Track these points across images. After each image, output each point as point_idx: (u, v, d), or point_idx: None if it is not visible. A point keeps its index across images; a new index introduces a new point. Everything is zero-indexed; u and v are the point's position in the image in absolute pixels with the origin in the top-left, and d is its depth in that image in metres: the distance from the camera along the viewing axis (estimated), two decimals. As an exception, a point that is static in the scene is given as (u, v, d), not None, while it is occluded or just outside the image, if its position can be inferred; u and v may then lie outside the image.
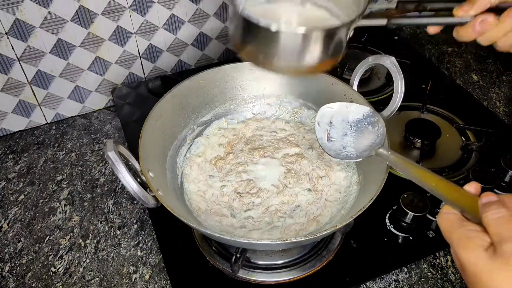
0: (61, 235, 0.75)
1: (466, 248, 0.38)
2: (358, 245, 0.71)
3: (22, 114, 0.92)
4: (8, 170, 0.86)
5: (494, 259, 0.35)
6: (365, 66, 0.73)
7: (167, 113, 0.70)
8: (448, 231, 0.40)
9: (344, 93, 0.72)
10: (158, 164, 0.67)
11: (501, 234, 0.36)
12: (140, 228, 0.76)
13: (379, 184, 0.57)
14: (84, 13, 0.85)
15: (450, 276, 0.69)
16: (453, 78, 1.05)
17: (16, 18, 0.80)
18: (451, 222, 0.41)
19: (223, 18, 0.99)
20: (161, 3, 0.91)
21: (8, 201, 0.80)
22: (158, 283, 0.68)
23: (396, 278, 0.68)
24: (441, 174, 0.78)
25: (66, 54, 0.88)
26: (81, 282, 0.69)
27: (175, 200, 0.66)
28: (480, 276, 0.36)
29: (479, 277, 0.36)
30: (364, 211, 0.54)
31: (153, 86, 0.99)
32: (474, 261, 0.37)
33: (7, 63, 0.84)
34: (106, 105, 1.00)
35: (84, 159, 0.88)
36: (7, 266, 0.71)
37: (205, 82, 0.75)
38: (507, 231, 0.36)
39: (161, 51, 0.98)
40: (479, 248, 0.37)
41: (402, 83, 0.68)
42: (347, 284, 0.66)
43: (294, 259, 0.68)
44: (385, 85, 1.00)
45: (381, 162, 0.60)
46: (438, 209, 0.72)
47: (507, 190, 0.77)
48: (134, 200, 0.80)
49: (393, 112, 0.69)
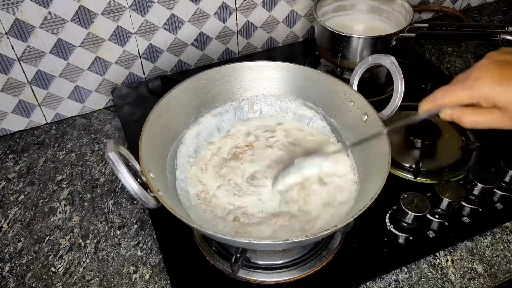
0: (61, 235, 0.75)
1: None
2: (358, 245, 0.71)
3: (22, 114, 0.92)
4: (8, 170, 0.86)
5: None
6: (365, 66, 0.72)
7: (167, 113, 0.70)
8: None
9: (344, 93, 0.72)
10: (159, 165, 0.66)
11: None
12: (140, 228, 0.76)
13: (379, 184, 0.57)
14: (84, 13, 0.85)
15: (450, 276, 0.69)
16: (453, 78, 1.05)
17: (16, 18, 0.80)
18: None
19: (223, 18, 0.99)
20: (161, 3, 0.91)
21: (8, 201, 0.80)
22: (158, 283, 0.68)
23: (396, 278, 0.68)
24: (441, 174, 0.80)
25: (66, 54, 0.88)
26: (81, 282, 0.69)
27: (176, 201, 0.66)
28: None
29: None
30: (364, 211, 0.54)
31: (153, 86, 0.99)
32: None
33: (7, 63, 0.84)
34: (106, 105, 1.00)
35: (84, 159, 0.88)
36: (7, 266, 0.71)
37: (205, 82, 0.75)
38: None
39: (161, 51, 0.98)
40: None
41: (402, 83, 0.68)
42: (347, 284, 0.66)
43: (294, 259, 0.68)
44: (385, 85, 1.00)
45: (381, 162, 0.60)
46: (438, 209, 0.72)
47: (507, 190, 0.77)
48: (134, 200, 0.80)
49: (393, 112, 0.69)
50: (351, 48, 0.90)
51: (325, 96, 0.76)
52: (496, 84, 0.47)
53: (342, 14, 1.02)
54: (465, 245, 0.73)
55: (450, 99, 0.51)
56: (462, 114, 0.51)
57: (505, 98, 0.46)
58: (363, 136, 0.67)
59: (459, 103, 0.50)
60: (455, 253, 0.71)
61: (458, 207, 0.73)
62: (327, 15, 1.00)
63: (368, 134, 0.66)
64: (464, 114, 0.50)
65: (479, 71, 0.48)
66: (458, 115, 0.51)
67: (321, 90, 0.76)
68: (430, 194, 0.74)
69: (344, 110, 0.73)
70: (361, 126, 0.69)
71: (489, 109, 0.49)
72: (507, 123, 0.48)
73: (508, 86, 0.46)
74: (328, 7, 0.99)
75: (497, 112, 0.48)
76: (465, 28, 0.89)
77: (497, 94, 0.47)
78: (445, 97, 0.51)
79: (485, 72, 0.48)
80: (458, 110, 0.51)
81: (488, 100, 0.48)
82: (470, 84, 0.48)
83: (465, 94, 0.49)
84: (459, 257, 0.71)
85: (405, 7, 0.94)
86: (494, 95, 0.47)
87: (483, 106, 0.49)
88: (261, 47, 1.09)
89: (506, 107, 0.47)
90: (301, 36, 1.13)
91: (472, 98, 0.49)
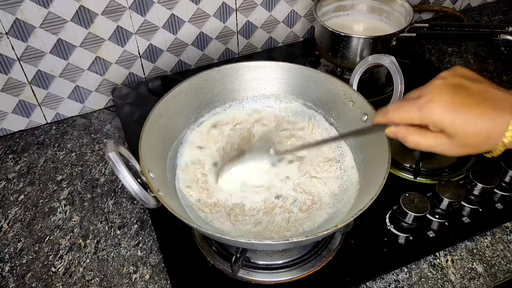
0: (61, 235, 0.75)
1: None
2: (358, 245, 0.71)
3: (22, 114, 0.92)
4: (8, 170, 0.86)
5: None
6: (365, 66, 0.73)
7: (167, 114, 0.70)
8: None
9: (344, 93, 0.72)
10: (158, 165, 0.66)
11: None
12: (140, 228, 0.76)
13: (379, 184, 0.57)
14: (84, 13, 0.85)
15: (450, 276, 0.69)
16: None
17: (16, 18, 0.80)
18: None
19: (223, 18, 0.99)
20: (161, 3, 0.91)
21: (8, 201, 0.80)
22: (158, 283, 0.68)
23: (396, 278, 0.68)
24: (441, 174, 0.80)
25: (66, 54, 0.88)
26: (81, 282, 0.69)
27: (176, 200, 0.66)
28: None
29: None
30: (364, 211, 0.54)
31: (153, 86, 0.99)
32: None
33: (7, 63, 0.84)
34: (106, 105, 1.00)
35: (84, 159, 0.88)
36: (7, 266, 0.71)
37: (205, 82, 0.75)
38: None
39: (161, 51, 0.98)
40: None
41: (402, 82, 0.68)
42: (347, 284, 0.66)
43: (294, 259, 0.68)
44: (385, 85, 1.01)
45: (382, 162, 0.60)
46: (438, 209, 0.72)
47: (507, 190, 0.77)
48: (134, 200, 0.80)
49: (393, 112, 0.69)
50: (351, 48, 0.90)
51: (325, 96, 0.76)
52: (446, 110, 0.46)
53: (342, 14, 1.02)
54: (465, 245, 0.73)
55: (401, 116, 0.50)
56: (406, 133, 0.51)
57: (453, 126, 0.46)
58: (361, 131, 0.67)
59: (408, 122, 0.50)
60: (455, 253, 0.71)
61: (458, 207, 0.73)
62: (327, 15, 1.00)
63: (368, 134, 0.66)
64: (409, 134, 0.50)
65: (432, 92, 0.48)
66: (402, 134, 0.51)
67: (321, 90, 0.76)
68: (430, 194, 0.74)
69: (344, 110, 0.73)
70: (361, 126, 0.69)
71: (435, 133, 0.48)
72: (453, 149, 0.48)
73: (458, 114, 0.46)
74: (328, 7, 0.99)
75: (443, 138, 0.48)
76: (465, 28, 0.89)
77: (446, 121, 0.46)
78: (396, 113, 0.51)
79: (438, 95, 0.47)
80: (403, 129, 0.51)
81: (436, 125, 0.47)
82: (421, 105, 0.48)
83: (415, 115, 0.48)
84: (459, 257, 0.71)
85: (405, 7, 0.94)
86: (443, 121, 0.46)
87: (430, 129, 0.49)
88: (261, 47, 1.09)
89: (453, 134, 0.47)
90: (301, 36, 1.13)
91: (421, 120, 0.48)
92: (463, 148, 0.48)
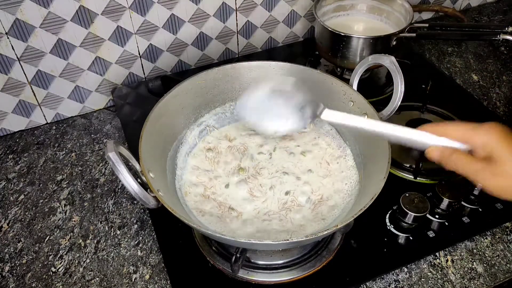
0: (61, 235, 0.75)
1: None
2: (358, 245, 0.71)
3: (22, 114, 0.92)
4: (8, 170, 0.86)
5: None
6: (365, 66, 0.73)
7: (167, 114, 0.70)
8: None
9: (344, 93, 0.72)
10: (158, 165, 0.66)
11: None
12: (140, 228, 0.76)
13: (379, 184, 0.57)
14: (84, 13, 0.85)
15: (450, 276, 0.69)
16: (453, 78, 1.05)
17: (16, 18, 0.80)
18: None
19: (223, 18, 0.99)
20: (161, 3, 0.91)
21: (8, 201, 0.80)
22: (158, 283, 0.68)
23: (396, 278, 0.68)
24: (441, 174, 0.80)
25: (66, 54, 0.88)
26: (81, 282, 0.69)
27: (176, 201, 0.66)
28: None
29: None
30: (364, 211, 0.54)
31: (153, 86, 0.99)
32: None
33: (7, 63, 0.84)
34: (106, 105, 1.00)
35: (84, 159, 0.88)
36: (7, 266, 0.71)
37: (205, 82, 0.75)
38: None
39: (161, 51, 0.98)
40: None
41: (402, 82, 0.68)
42: (347, 284, 0.66)
43: (294, 259, 0.68)
44: (385, 85, 1.01)
45: (381, 162, 0.60)
46: (438, 209, 0.72)
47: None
48: (134, 200, 0.80)
49: (393, 112, 0.69)
50: (351, 48, 0.90)
51: (325, 96, 0.76)
52: (504, 138, 0.50)
53: (342, 14, 1.02)
54: (465, 245, 0.73)
55: (461, 133, 0.52)
56: (453, 153, 0.52)
57: (503, 153, 0.49)
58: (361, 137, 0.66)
59: (465, 140, 0.52)
60: (455, 253, 0.71)
61: (458, 207, 0.73)
62: (327, 15, 1.00)
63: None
64: (455, 155, 0.52)
65: (490, 125, 0.51)
66: (448, 153, 0.53)
67: (321, 90, 0.75)
68: (430, 194, 0.74)
69: (344, 110, 0.72)
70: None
71: (476, 159, 0.51)
72: (485, 177, 0.50)
73: (510, 145, 0.49)
74: (328, 7, 0.99)
75: (481, 164, 0.50)
76: (465, 28, 0.89)
77: (500, 146, 0.49)
78: (453, 129, 0.53)
79: (496, 127, 0.50)
80: (449, 150, 0.52)
81: (487, 148, 0.50)
82: (484, 128, 0.51)
83: (481, 132, 0.51)
84: (459, 257, 0.71)
85: (405, 7, 0.94)
86: (498, 146, 0.49)
87: (476, 153, 0.51)
88: (261, 47, 1.09)
89: (498, 159, 0.49)
90: (301, 36, 1.13)
91: (482, 139, 0.50)
92: (499, 178, 0.50)
